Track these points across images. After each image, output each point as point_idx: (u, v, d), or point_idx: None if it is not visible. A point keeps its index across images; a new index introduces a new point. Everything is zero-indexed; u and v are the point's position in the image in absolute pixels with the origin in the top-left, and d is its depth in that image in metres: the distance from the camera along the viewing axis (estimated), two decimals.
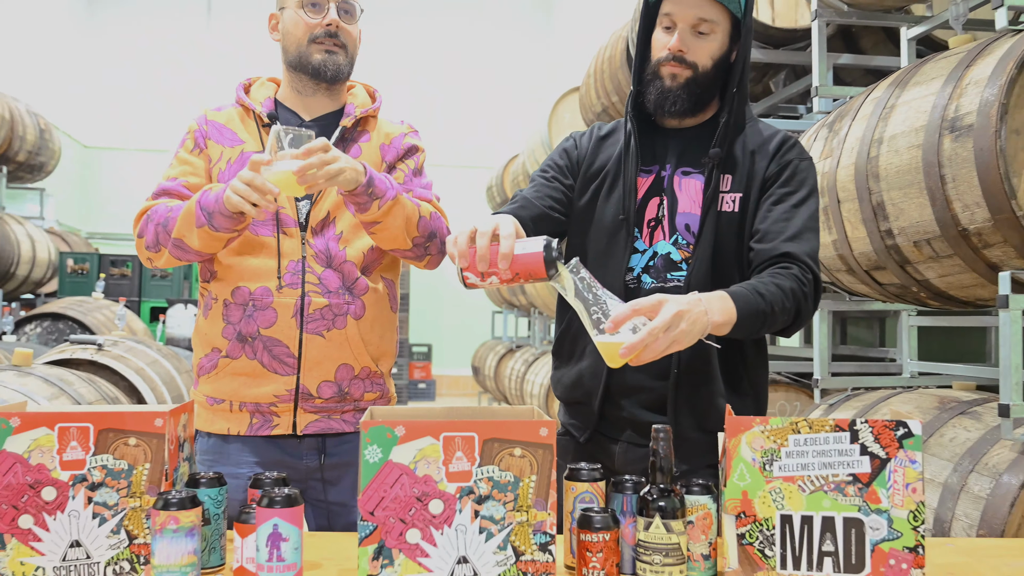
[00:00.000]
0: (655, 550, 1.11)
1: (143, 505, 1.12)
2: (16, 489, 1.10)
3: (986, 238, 2.02)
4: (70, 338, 3.93)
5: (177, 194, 1.63)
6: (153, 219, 1.59)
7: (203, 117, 1.70)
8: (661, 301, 1.19)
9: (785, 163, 1.47)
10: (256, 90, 1.73)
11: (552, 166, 1.59)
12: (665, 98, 1.46)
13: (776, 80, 4.26)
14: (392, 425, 1.05)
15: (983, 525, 1.86)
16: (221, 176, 1.62)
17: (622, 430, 1.51)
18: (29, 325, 5.50)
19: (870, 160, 2.32)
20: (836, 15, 3.22)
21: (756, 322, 1.30)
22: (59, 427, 1.11)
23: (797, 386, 3.42)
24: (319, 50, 1.63)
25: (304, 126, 1.67)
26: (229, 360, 1.60)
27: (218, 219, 1.48)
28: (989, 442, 2.01)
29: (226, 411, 1.61)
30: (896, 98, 2.32)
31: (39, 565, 1.10)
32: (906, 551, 1.09)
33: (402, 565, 1.04)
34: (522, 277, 1.24)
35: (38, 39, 10.03)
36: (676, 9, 1.43)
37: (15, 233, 6.47)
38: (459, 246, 1.23)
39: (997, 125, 1.91)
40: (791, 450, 1.12)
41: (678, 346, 1.19)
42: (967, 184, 2.00)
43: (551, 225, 1.52)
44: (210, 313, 1.63)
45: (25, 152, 7.10)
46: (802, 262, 1.38)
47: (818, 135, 2.72)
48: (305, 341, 1.59)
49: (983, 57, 2.07)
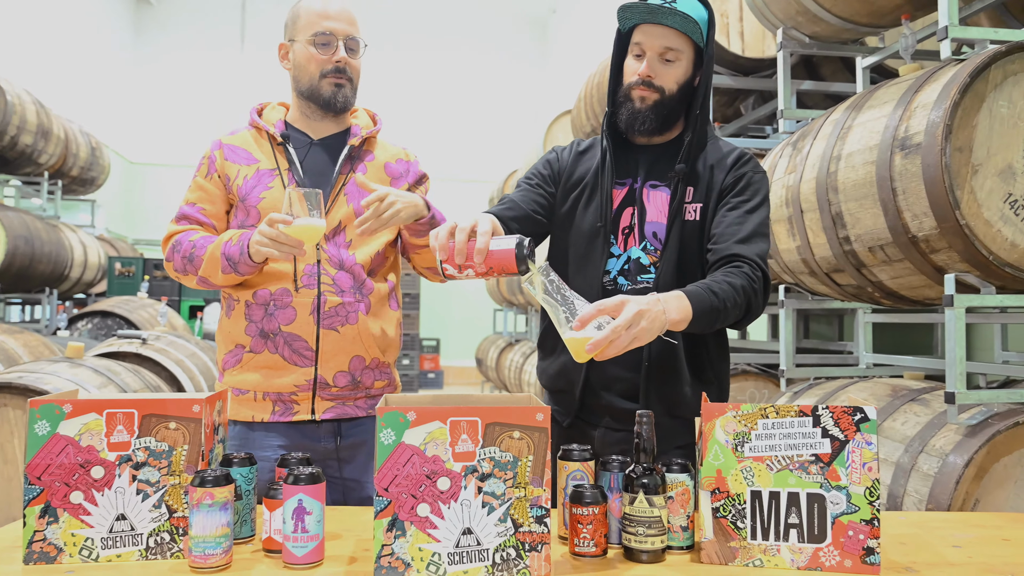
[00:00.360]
0: (639, 522, 1.11)
1: (182, 482, 1.12)
2: (68, 468, 1.10)
3: (933, 244, 2.02)
4: (117, 333, 3.92)
5: (196, 220, 1.65)
6: (178, 251, 1.61)
7: (217, 143, 1.68)
8: (623, 301, 1.17)
9: (740, 175, 1.47)
10: (268, 113, 1.72)
11: (537, 174, 1.58)
12: (635, 118, 1.46)
13: (746, 104, 4.26)
14: (404, 411, 1.05)
15: (931, 500, 1.85)
16: (240, 191, 1.62)
17: (601, 416, 1.50)
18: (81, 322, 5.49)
19: (830, 175, 2.32)
20: (799, 46, 3.22)
21: (710, 318, 1.29)
22: (107, 413, 1.11)
23: (765, 376, 3.41)
24: (329, 84, 1.63)
25: (312, 144, 1.67)
26: (253, 355, 1.60)
27: (243, 267, 1.53)
28: (936, 426, 2.01)
29: (250, 401, 1.61)
30: (853, 119, 2.32)
31: (88, 536, 1.10)
32: (863, 523, 1.08)
33: (413, 536, 1.04)
34: (496, 271, 1.23)
35: (90, 67, 10.04)
36: (645, 39, 1.43)
37: (69, 240, 6.46)
38: (440, 240, 1.23)
39: (942, 144, 1.91)
40: (760, 433, 1.11)
41: (639, 342, 1.18)
42: (916, 196, 1.99)
43: (534, 226, 1.52)
44: (233, 313, 1.63)
45: (78, 168, 7.10)
46: (752, 261, 1.38)
47: (783, 153, 2.72)
48: (322, 336, 1.59)
49: (929, 83, 2.07)
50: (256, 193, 1.61)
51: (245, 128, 1.71)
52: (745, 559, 1.10)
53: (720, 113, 4.39)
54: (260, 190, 1.61)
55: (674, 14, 1.39)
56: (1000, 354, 3.14)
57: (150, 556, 1.11)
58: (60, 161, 6.72)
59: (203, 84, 11.58)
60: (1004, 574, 1.08)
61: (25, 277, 5.75)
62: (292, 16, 1.66)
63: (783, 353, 3.04)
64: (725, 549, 1.11)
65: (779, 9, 3.12)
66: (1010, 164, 1.94)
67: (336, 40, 1.61)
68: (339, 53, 1.62)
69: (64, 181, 7.07)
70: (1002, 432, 1.86)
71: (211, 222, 1.65)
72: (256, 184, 1.62)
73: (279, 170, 1.63)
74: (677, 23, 1.39)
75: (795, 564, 1.09)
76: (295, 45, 1.65)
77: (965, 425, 1.95)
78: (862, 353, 3.23)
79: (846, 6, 2.87)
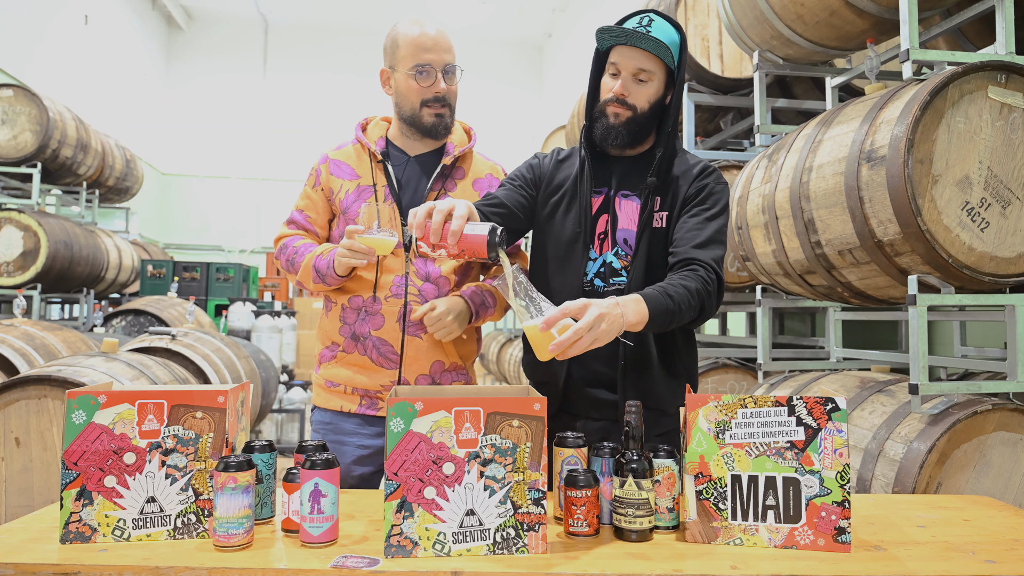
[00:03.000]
0: (629, 504, 1.10)
1: (207, 467, 1.11)
2: (102, 454, 1.09)
3: (897, 248, 2.01)
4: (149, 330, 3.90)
5: (302, 226, 1.67)
6: (284, 253, 1.65)
7: (324, 157, 1.68)
8: (586, 305, 1.16)
9: (703, 186, 1.46)
10: (372, 130, 1.69)
11: (520, 176, 1.57)
12: (608, 132, 1.46)
13: (725, 120, 4.26)
14: (412, 401, 1.04)
15: (897, 483, 1.85)
16: (342, 204, 1.63)
17: (581, 407, 1.49)
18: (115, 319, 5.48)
19: (802, 184, 2.31)
20: (773, 67, 3.21)
21: (665, 319, 1.28)
22: (139, 403, 1.10)
23: (744, 369, 3.40)
24: (430, 114, 1.60)
25: (409, 161, 1.66)
26: (345, 354, 1.61)
27: (329, 279, 1.56)
28: (901, 415, 2.00)
29: (340, 393, 1.62)
30: (823, 134, 2.31)
31: (120, 517, 1.09)
32: (835, 505, 1.08)
33: (420, 516, 1.03)
34: (467, 254, 1.21)
35: (126, 86, 10.03)
36: (621, 60, 1.42)
37: (105, 244, 6.45)
38: (417, 219, 1.22)
39: (905, 156, 1.90)
40: (740, 421, 1.11)
41: (598, 343, 1.16)
42: (881, 204, 1.99)
43: (514, 222, 1.51)
44: (330, 313, 1.65)
45: (114, 178, 7.09)
46: (708, 265, 1.36)
47: (760, 164, 2.71)
48: (406, 342, 1.59)
49: (893, 101, 2.07)
50: (355, 208, 1.61)
51: (351, 143, 1.69)
52: (726, 538, 1.10)
53: (702, 128, 4.38)
54: (359, 204, 1.60)
55: (647, 39, 1.38)
56: (959, 348, 3.14)
57: (178, 535, 1.10)
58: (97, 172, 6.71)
59: (228, 102, 11.58)
60: (965, 551, 1.08)
61: (65, 278, 5.74)
62: (391, 43, 1.60)
63: (760, 348, 3.03)
64: (708, 529, 1.10)
65: (755, 34, 3.12)
66: (967, 175, 1.93)
67: (435, 71, 1.57)
68: (439, 84, 1.58)
69: (101, 190, 7.06)
70: (962, 420, 1.85)
71: (315, 229, 1.67)
72: (356, 199, 1.61)
73: (376, 186, 1.62)
74: (650, 47, 1.39)
75: (772, 543, 1.08)
76: (396, 74, 1.61)
77: (928, 414, 1.94)
78: (833, 348, 3.23)
79: (816, 31, 2.86)
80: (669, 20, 1.45)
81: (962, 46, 2.87)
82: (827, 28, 2.81)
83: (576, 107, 5.65)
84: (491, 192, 1.54)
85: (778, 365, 3.05)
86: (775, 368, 3.05)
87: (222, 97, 11.58)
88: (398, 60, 1.59)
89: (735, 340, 3.73)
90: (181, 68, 11.66)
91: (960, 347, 3.15)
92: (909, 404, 2.03)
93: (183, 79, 11.63)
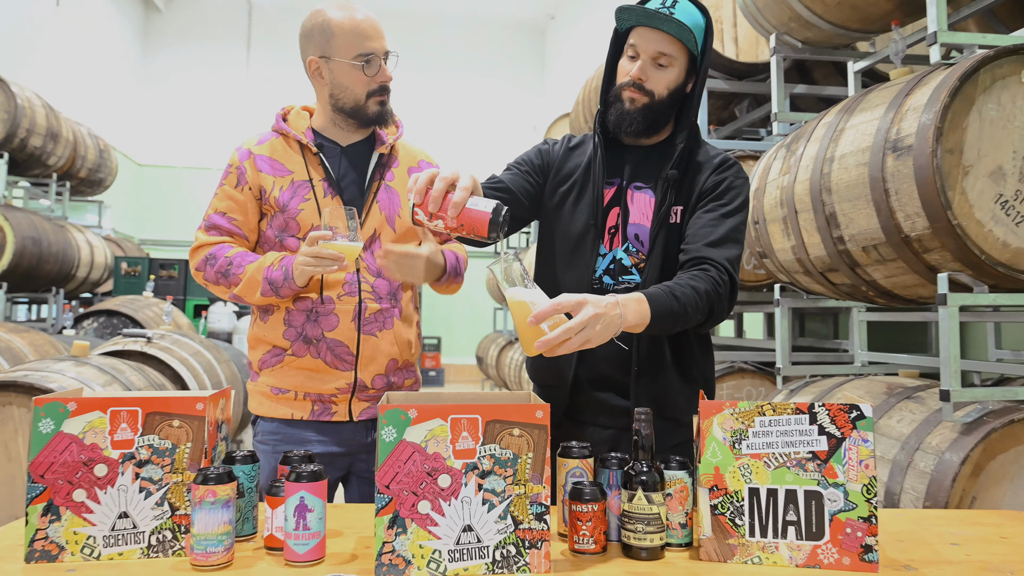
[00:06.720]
0: (638, 519, 1.09)
1: (184, 480, 1.10)
2: (71, 466, 1.08)
3: (926, 244, 2.00)
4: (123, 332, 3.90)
5: (226, 231, 1.62)
6: (212, 264, 1.59)
7: (246, 152, 1.63)
8: (582, 302, 1.14)
9: (721, 179, 1.44)
10: (295, 120, 1.68)
11: (528, 162, 1.56)
12: (623, 119, 1.44)
13: (740, 107, 4.25)
14: (406, 408, 1.03)
15: (928, 497, 1.84)
16: (278, 202, 1.60)
17: (590, 414, 1.48)
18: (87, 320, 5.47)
19: (823, 176, 2.30)
20: (792, 51, 3.21)
21: (669, 322, 1.26)
22: (111, 410, 1.09)
23: (762, 374, 3.40)
24: (376, 103, 1.61)
25: (341, 153, 1.66)
26: (295, 358, 1.60)
27: (285, 291, 1.54)
28: (932, 424, 2.00)
29: (290, 399, 1.61)
30: (845, 122, 2.31)
31: (90, 534, 1.08)
32: (860, 520, 1.07)
33: (414, 533, 1.02)
34: (466, 230, 1.20)
35: (99, 71, 10.03)
36: (640, 42, 1.41)
37: (76, 240, 6.45)
38: (418, 184, 1.20)
39: (933, 145, 1.89)
40: (757, 430, 1.10)
41: (590, 344, 1.14)
42: (908, 197, 1.98)
43: (519, 210, 1.50)
44: (270, 319, 1.62)
45: (86, 169, 7.09)
46: (720, 265, 1.35)
47: (777, 154, 2.70)
48: (362, 341, 1.60)
49: (920, 87, 2.06)
50: (295, 204, 1.60)
51: (272, 135, 1.66)
52: (744, 556, 1.09)
53: (715, 116, 4.38)
54: (297, 201, 1.59)
55: (670, 20, 1.37)
56: (994, 352, 3.13)
57: (152, 554, 1.09)
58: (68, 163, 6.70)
59: (209, 89, 11.58)
60: (1002, 572, 1.07)
61: (32, 277, 5.73)
62: (320, 30, 1.58)
63: (779, 351, 3.02)
64: (724, 546, 1.09)
65: (772, 16, 3.11)
66: (1000, 166, 1.93)
67: (379, 59, 1.58)
68: (385, 73, 1.59)
69: (72, 182, 7.05)
70: (998, 430, 1.84)
71: (242, 232, 1.63)
72: (292, 196, 1.60)
73: (313, 181, 1.61)
74: (672, 29, 1.38)
75: (793, 561, 1.08)
76: (331, 63, 1.59)
77: (960, 423, 1.93)
78: (857, 351, 3.22)
79: (838, 12, 2.86)
80: (694, 1, 1.43)
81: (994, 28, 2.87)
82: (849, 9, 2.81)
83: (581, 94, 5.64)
84: (496, 175, 1.53)
85: (798, 370, 3.05)
86: (795, 373, 3.04)
87: (203, 83, 11.58)
88: (334, 49, 1.57)
89: (752, 343, 3.72)
90: (159, 53, 11.66)
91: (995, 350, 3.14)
92: (940, 412, 2.02)
93: (161, 64, 11.63)
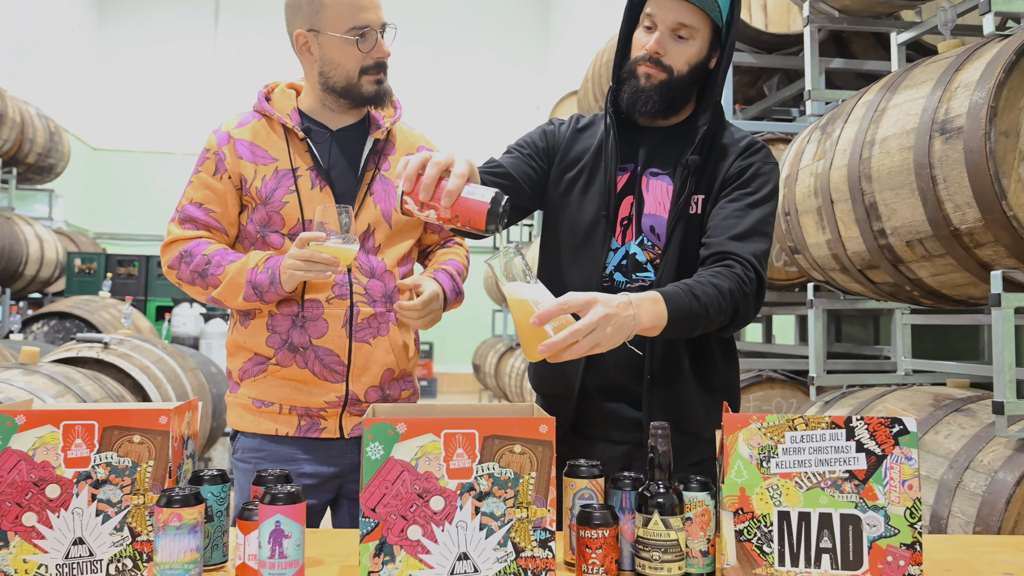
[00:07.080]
0: (654, 546, 1.09)
1: (146, 502, 1.11)
2: (20, 487, 1.08)
3: (977, 238, 2.01)
4: (76, 336, 3.91)
5: (203, 224, 1.61)
6: (188, 262, 1.59)
7: (225, 136, 1.62)
8: (591, 302, 1.14)
9: (748, 164, 1.44)
10: (279, 100, 1.67)
11: (531, 144, 1.55)
12: (637, 97, 1.44)
13: (769, 84, 4.25)
14: (394, 422, 1.04)
15: (979, 522, 1.84)
16: (260, 193, 1.59)
17: (599, 428, 1.48)
18: (36, 324, 5.48)
19: (862, 161, 2.31)
20: (828, 21, 3.21)
21: (688, 324, 1.26)
22: (64, 425, 1.10)
23: (793, 383, 3.40)
24: (371, 81, 1.60)
25: (332, 137, 1.65)
26: (280, 367, 1.60)
27: (270, 296, 1.54)
28: (984, 439, 2.00)
29: (274, 413, 1.61)
30: (887, 101, 2.31)
31: (42, 563, 1.08)
32: (903, 548, 1.07)
33: (403, 562, 1.03)
34: (460, 221, 1.19)
35: (49, 45, 10.03)
36: (657, 11, 1.40)
37: (24, 233, 6.46)
38: (408, 170, 1.19)
39: (986, 127, 1.89)
40: (788, 447, 1.10)
41: (600, 349, 1.14)
42: (958, 185, 1.98)
43: (520, 199, 1.49)
44: (251, 323, 1.62)
45: (35, 154, 7.10)
46: (746, 262, 1.34)
47: (811, 137, 2.71)
48: (354, 349, 1.60)
49: (971, 61, 2.06)
50: (278, 196, 1.58)
51: (254, 116, 1.65)
52: None
53: (741, 94, 4.38)
54: (281, 193, 1.58)
55: None
56: None
57: None
58: (15, 147, 6.72)
59: (173, 66, 11.59)
60: None
61: None
62: (310, 2, 1.57)
63: (813, 358, 3.03)
64: None
65: None
66: None
67: (375, 33, 1.57)
68: (382, 48, 1.58)
69: (19, 169, 7.07)
70: None
71: (220, 226, 1.62)
72: (276, 186, 1.59)
73: (301, 169, 1.60)
74: None
75: None
76: (321, 37, 1.58)
77: (1015, 438, 1.94)
78: (900, 358, 3.23)
79: None
80: None
81: None
82: None
83: (590, 70, 5.65)
84: (495, 159, 1.52)
85: (834, 379, 3.05)
86: (830, 383, 3.04)
87: (166, 60, 11.57)
88: (325, 21, 1.56)
89: (782, 348, 3.73)
90: (117, 26, 11.67)
91: None
92: (993, 426, 2.02)
93: (119, 39, 11.63)
